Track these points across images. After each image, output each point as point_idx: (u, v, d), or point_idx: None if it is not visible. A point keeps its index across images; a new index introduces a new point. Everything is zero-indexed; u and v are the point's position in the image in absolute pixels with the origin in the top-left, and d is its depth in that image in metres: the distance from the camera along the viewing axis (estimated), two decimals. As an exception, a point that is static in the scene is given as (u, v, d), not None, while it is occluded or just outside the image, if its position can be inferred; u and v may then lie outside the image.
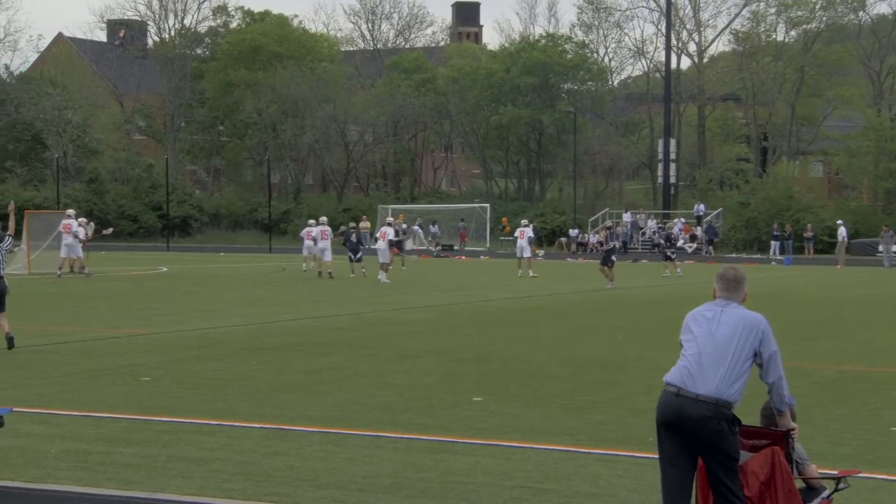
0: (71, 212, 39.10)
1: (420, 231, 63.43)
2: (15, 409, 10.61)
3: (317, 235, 38.44)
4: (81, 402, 12.64)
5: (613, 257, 33.94)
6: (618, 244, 34.68)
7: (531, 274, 38.03)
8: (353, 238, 39.03)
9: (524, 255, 39.16)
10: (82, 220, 39.49)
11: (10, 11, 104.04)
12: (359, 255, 38.34)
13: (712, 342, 6.71)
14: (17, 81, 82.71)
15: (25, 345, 17.95)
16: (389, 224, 38.91)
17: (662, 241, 42.06)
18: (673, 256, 41.32)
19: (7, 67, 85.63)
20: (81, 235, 37.40)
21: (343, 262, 39.28)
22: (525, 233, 39.86)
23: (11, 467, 9.40)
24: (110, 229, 46.60)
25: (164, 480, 9.03)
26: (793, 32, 78.42)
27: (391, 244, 37.30)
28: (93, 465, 9.55)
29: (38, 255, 38.96)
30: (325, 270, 37.16)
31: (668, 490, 6.75)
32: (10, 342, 17.27)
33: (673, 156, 70.30)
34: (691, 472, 6.76)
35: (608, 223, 36.78)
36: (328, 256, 37.51)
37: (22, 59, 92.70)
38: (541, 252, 56.23)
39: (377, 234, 37.62)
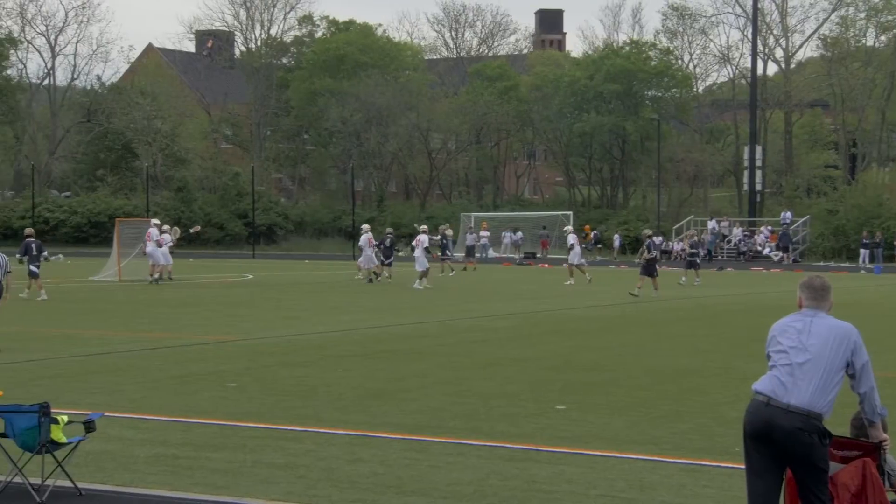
0: (156, 221, 39.58)
1: (485, 239, 62.67)
2: (106, 414, 10.78)
3: (364, 244, 39.31)
4: (170, 407, 12.82)
5: (657, 266, 33.29)
6: (657, 254, 33.71)
7: (570, 282, 38.42)
8: (388, 243, 39.24)
9: (575, 262, 39.48)
10: (165, 227, 39.89)
11: (103, 23, 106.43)
12: (390, 260, 38.99)
13: (804, 353, 6.61)
14: (109, 92, 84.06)
15: (116, 350, 18.27)
16: (424, 232, 38.96)
17: (688, 248, 41.13)
18: (698, 263, 40.59)
19: (99, 78, 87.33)
20: (168, 242, 37.86)
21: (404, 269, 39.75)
22: (568, 240, 40.74)
23: (103, 471, 9.56)
24: (198, 227, 46.88)
25: (250, 485, 9.13)
26: (883, 37, 77.03)
27: (428, 251, 37.69)
28: (181, 469, 9.68)
29: (128, 262, 39.51)
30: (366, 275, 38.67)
31: (754, 501, 6.66)
32: None
33: (759, 163, 69.42)
34: (779, 484, 6.67)
35: (648, 231, 36.12)
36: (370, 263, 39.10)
37: (113, 70, 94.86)
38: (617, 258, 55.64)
39: (413, 243, 38.19)
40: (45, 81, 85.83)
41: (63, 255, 51.60)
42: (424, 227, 40.47)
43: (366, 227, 41.30)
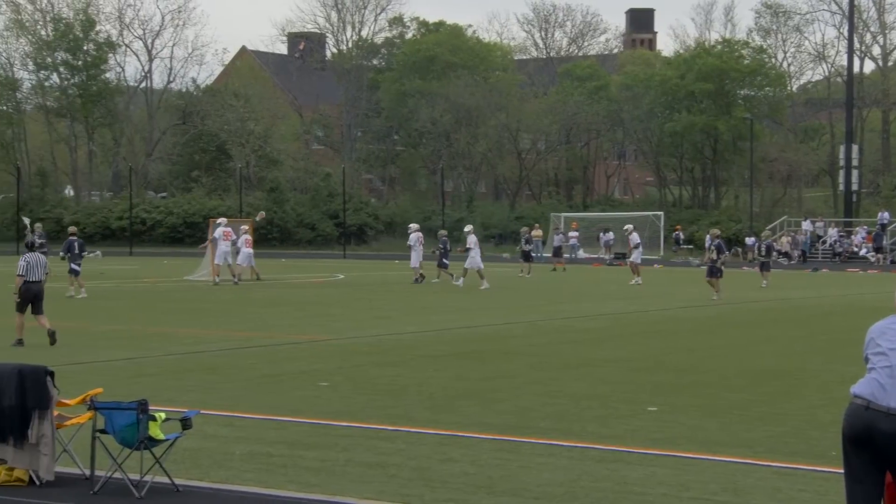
0: (222, 220, 39.51)
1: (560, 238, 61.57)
2: (202, 412, 10.93)
3: (413, 243, 38.98)
4: (264, 405, 12.97)
5: (721, 267, 32.08)
6: (724, 256, 32.65)
7: (637, 281, 38.34)
8: (441, 247, 38.98)
9: (638, 261, 39.60)
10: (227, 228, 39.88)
11: (198, 27, 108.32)
12: (445, 262, 38.57)
13: None
14: (203, 94, 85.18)
15: (211, 349, 18.54)
16: (471, 232, 38.36)
17: (764, 250, 39.95)
18: (770, 266, 39.60)
19: (194, 81, 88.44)
20: (240, 243, 37.92)
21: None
22: (631, 240, 40.82)
23: (199, 467, 9.70)
24: (262, 213, 46.01)
25: (343, 484, 9.20)
26: (983, 33, 75.22)
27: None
28: (275, 467, 9.79)
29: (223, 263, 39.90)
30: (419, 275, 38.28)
31: None
32: (53, 337, 18.27)
33: (855, 162, 68.17)
34: (879, 488, 6.54)
35: (716, 231, 35.18)
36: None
37: (208, 73, 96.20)
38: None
39: (468, 244, 37.51)
40: (143, 84, 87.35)
41: (100, 252, 52.04)
42: (469, 226, 39.46)
43: (414, 226, 40.91)
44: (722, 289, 31.44)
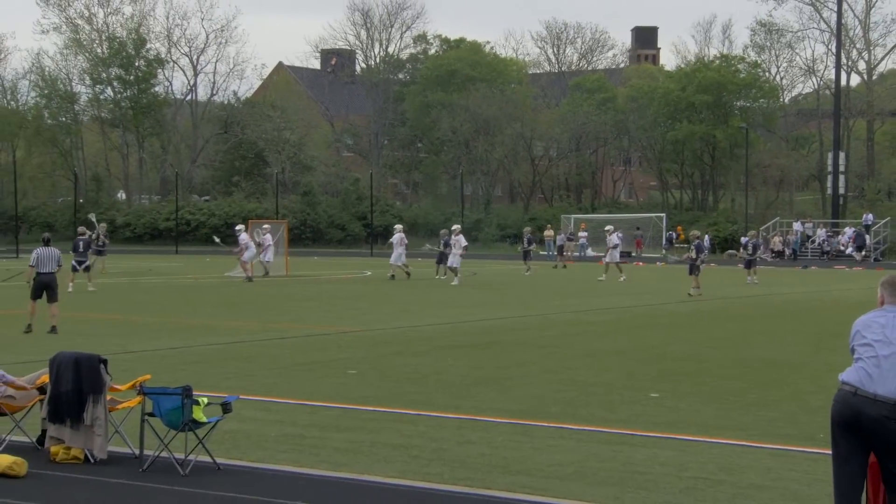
0: (240, 227, 39.13)
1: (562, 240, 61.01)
2: (241, 397, 10.97)
3: (396, 242, 38.42)
4: (297, 391, 12.98)
5: (700, 265, 31.69)
6: (702, 255, 32.19)
7: (603, 278, 37.79)
8: (440, 246, 38.78)
9: (616, 260, 38.89)
10: (266, 226, 39.79)
11: (239, 44, 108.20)
12: (445, 261, 37.71)
13: (889, 346, 6.47)
14: (243, 106, 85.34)
15: (248, 339, 18.58)
16: (457, 232, 37.83)
17: (750, 249, 39.02)
18: (756, 262, 38.70)
19: (235, 94, 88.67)
20: (265, 243, 37.81)
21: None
22: (610, 240, 40.01)
23: (238, 448, 9.73)
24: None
25: (369, 463, 9.20)
26: (962, 49, 74.64)
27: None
28: (307, 448, 9.80)
29: (256, 260, 40.01)
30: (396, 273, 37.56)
31: (840, 486, 6.52)
32: (54, 330, 18.56)
33: (842, 168, 67.84)
34: (864, 469, 6.52)
35: (696, 232, 34.57)
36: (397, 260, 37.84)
37: (248, 86, 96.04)
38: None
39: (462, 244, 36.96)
40: (188, 97, 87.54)
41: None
42: (456, 226, 38.87)
43: (398, 227, 40.20)
44: (701, 284, 31.13)
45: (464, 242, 37.05)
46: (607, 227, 42.70)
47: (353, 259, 58.26)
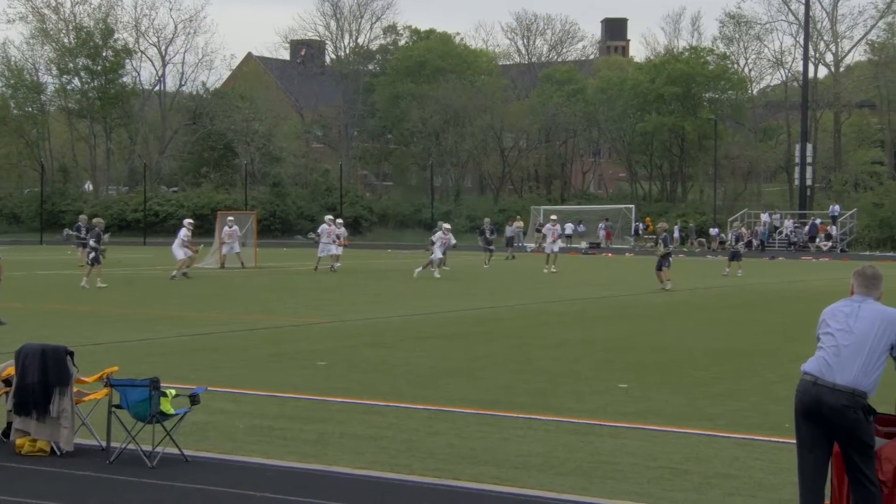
0: (189, 221, 37.98)
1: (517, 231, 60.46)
2: (209, 389, 10.92)
3: (322, 232, 37.88)
4: (266, 383, 12.95)
5: (670, 259, 30.76)
6: (670, 248, 31.72)
7: (552, 269, 37.40)
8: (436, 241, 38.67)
9: (555, 251, 38.73)
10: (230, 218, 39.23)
11: (207, 35, 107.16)
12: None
13: (850, 336, 6.54)
14: (212, 97, 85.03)
15: (217, 331, 18.51)
16: (447, 230, 37.71)
17: (733, 241, 38.88)
18: (741, 255, 38.58)
19: (204, 84, 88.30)
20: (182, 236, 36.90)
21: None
22: (555, 231, 39.82)
23: (207, 440, 9.69)
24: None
25: (338, 455, 9.19)
26: (927, 42, 75.31)
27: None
28: (276, 439, 9.78)
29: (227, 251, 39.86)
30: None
31: (804, 474, 6.59)
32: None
33: (809, 160, 68.35)
34: (827, 458, 6.59)
35: (664, 225, 34.13)
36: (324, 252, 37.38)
37: (216, 77, 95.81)
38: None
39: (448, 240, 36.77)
40: (156, 88, 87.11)
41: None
42: (447, 225, 38.76)
43: (328, 217, 39.19)
44: (662, 278, 29.83)
45: (453, 241, 36.93)
46: (552, 217, 42.47)
47: (322, 250, 57.96)
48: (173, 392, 9.10)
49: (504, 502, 7.88)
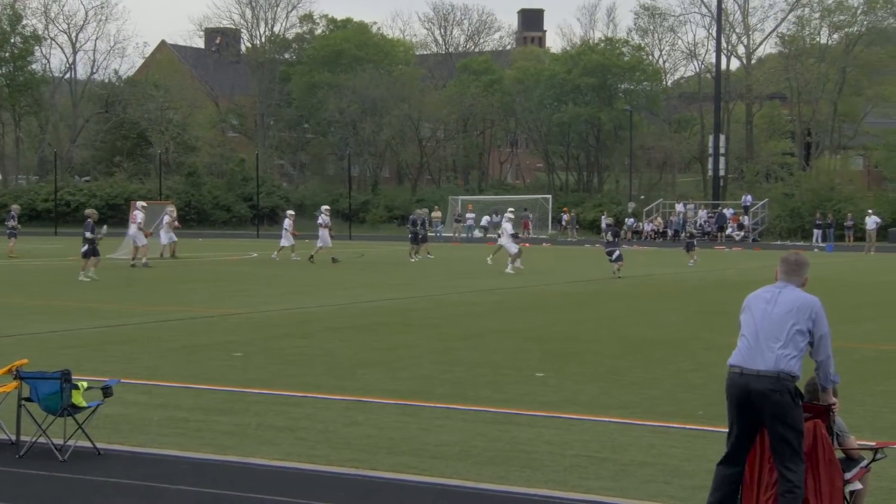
0: (142, 203, 37.53)
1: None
2: (122, 381, 10.77)
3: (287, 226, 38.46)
4: (181, 374, 12.81)
5: (617, 251, 31.35)
6: (618, 240, 32.45)
7: (489, 261, 36.82)
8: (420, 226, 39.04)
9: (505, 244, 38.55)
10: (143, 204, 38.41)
11: (119, 22, 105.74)
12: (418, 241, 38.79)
13: (769, 321, 6.69)
14: (125, 85, 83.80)
15: (132, 322, 18.24)
16: (322, 216, 38.46)
17: (692, 231, 39.54)
18: (694, 245, 39.10)
19: (116, 72, 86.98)
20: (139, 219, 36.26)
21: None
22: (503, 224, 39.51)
23: (119, 433, 9.55)
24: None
25: (255, 446, 9.13)
26: (835, 35, 76.99)
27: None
28: (191, 431, 9.68)
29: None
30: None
31: (730, 451, 6.74)
32: None
33: (722, 150, 69.50)
34: (753, 439, 6.72)
35: (609, 220, 34.12)
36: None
37: (129, 65, 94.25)
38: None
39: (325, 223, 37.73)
40: (67, 75, 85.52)
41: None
42: (326, 211, 38.98)
43: (291, 212, 39.90)
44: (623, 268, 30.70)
45: (511, 230, 36.07)
46: (507, 213, 42.29)
47: (239, 241, 57.60)
48: (85, 384, 8.97)
49: (422, 492, 7.89)
